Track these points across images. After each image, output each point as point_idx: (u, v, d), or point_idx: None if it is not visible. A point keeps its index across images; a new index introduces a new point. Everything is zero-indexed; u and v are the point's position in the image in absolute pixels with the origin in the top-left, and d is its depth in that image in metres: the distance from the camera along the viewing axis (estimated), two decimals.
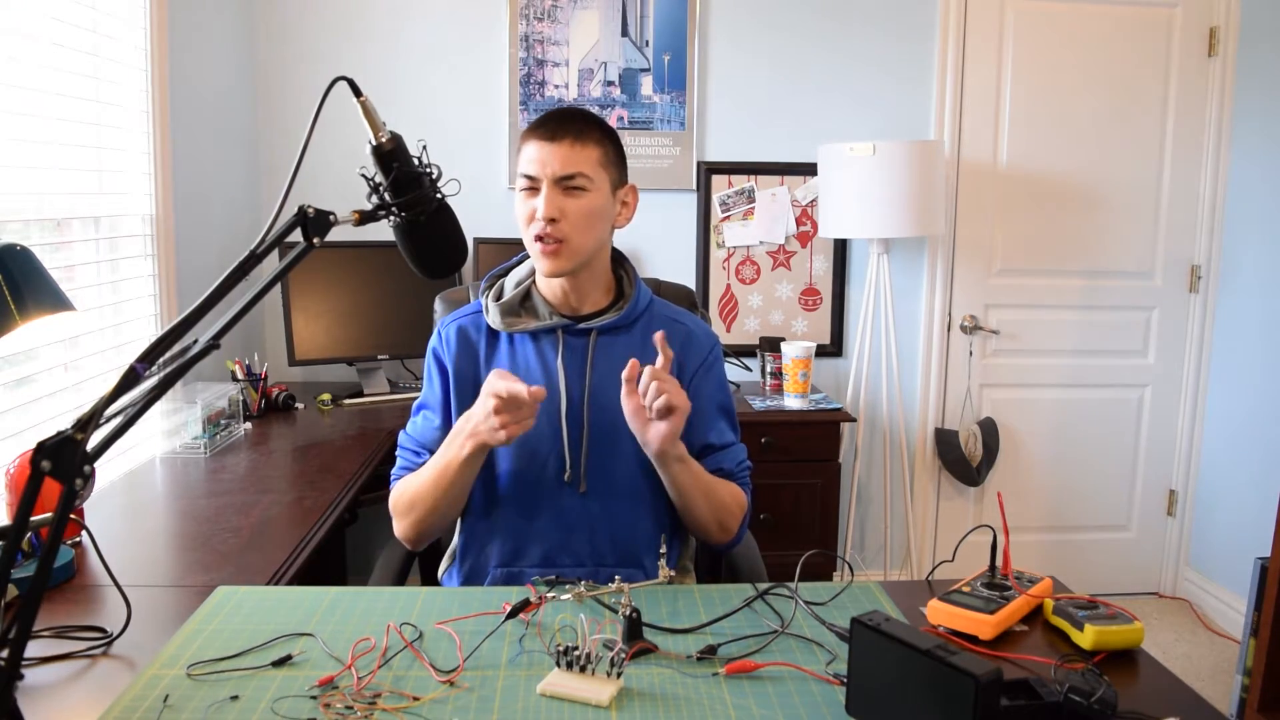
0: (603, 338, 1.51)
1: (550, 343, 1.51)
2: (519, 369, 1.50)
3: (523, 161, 1.45)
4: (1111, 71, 3.23)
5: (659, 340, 1.36)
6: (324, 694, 1.03)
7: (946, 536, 3.43)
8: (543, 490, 1.49)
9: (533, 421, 1.33)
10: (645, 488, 1.51)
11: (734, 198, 3.21)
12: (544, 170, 1.42)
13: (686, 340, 1.55)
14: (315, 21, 3.06)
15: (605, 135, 1.48)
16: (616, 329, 1.52)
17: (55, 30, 2.01)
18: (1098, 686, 0.97)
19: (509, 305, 1.51)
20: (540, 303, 1.52)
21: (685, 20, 3.12)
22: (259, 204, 3.08)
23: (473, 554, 1.54)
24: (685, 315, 1.61)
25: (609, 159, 1.48)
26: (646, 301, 1.56)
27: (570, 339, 1.51)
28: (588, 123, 1.47)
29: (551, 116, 1.46)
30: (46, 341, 1.91)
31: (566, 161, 1.42)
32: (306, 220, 1.07)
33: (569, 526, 1.49)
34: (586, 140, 1.44)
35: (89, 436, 0.89)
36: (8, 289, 1.42)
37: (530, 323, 1.51)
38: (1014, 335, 3.35)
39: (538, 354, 1.51)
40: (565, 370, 1.49)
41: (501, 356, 1.52)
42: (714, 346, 1.59)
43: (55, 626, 1.24)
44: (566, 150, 1.42)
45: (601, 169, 1.46)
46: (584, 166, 1.43)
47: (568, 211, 1.42)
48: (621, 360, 1.45)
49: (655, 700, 1.04)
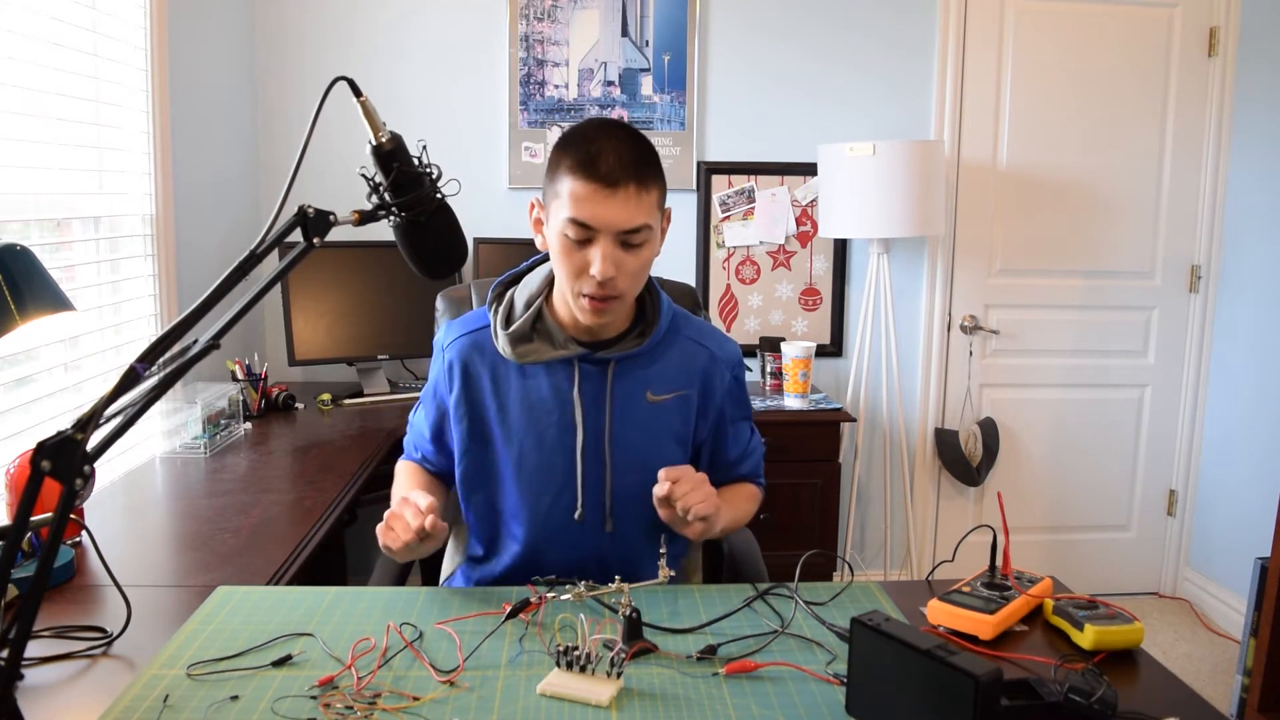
0: (621, 365, 1.41)
1: (565, 371, 1.40)
2: (530, 399, 1.41)
3: (571, 203, 1.26)
4: (1111, 71, 3.23)
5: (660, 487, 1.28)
6: (324, 694, 1.03)
7: (946, 536, 3.43)
8: (553, 525, 1.43)
9: (429, 543, 1.24)
10: (659, 521, 1.38)
11: (734, 198, 3.21)
12: (604, 224, 1.26)
13: (709, 367, 1.48)
14: (315, 21, 3.06)
15: (658, 168, 1.31)
16: (636, 356, 1.42)
17: (55, 30, 2.01)
18: (1098, 686, 0.97)
19: (520, 332, 1.38)
20: (555, 328, 1.40)
21: (685, 20, 3.12)
22: (259, 204, 3.08)
23: (476, 573, 1.53)
24: (707, 334, 1.51)
25: (663, 194, 1.33)
26: (668, 323, 1.44)
27: (587, 367, 1.40)
28: (643, 159, 1.28)
29: (602, 152, 1.26)
30: (46, 341, 1.91)
31: (630, 215, 1.26)
32: (306, 220, 1.07)
33: (580, 560, 1.43)
34: (647, 183, 1.28)
35: (89, 436, 0.89)
36: (8, 289, 1.42)
37: (544, 352, 1.38)
38: (1014, 335, 3.35)
39: (551, 383, 1.40)
40: (582, 401, 1.39)
41: (512, 385, 1.41)
42: (736, 366, 1.53)
43: (55, 626, 1.24)
44: (630, 200, 1.26)
45: (658, 210, 1.33)
46: (648, 217, 1.29)
47: (625, 266, 1.29)
48: (640, 388, 1.41)
49: (655, 700, 1.04)
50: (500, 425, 1.43)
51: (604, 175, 1.25)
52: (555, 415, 1.40)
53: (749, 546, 1.71)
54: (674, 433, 1.46)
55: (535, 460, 1.42)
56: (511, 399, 1.41)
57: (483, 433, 1.44)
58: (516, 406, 1.41)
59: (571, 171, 1.27)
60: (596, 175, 1.25)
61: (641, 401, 1.42)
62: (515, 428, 1.42)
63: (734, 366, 1.53)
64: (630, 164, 1.26)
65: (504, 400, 1.42)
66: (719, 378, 1.49)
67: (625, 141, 1.28)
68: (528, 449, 1.42)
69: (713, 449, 1.54)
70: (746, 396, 1.58)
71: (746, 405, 1.58)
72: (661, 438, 1.44)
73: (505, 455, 1.44)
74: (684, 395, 1.45)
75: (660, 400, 1.43)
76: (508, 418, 1.42)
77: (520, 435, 1.42)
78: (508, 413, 1.42)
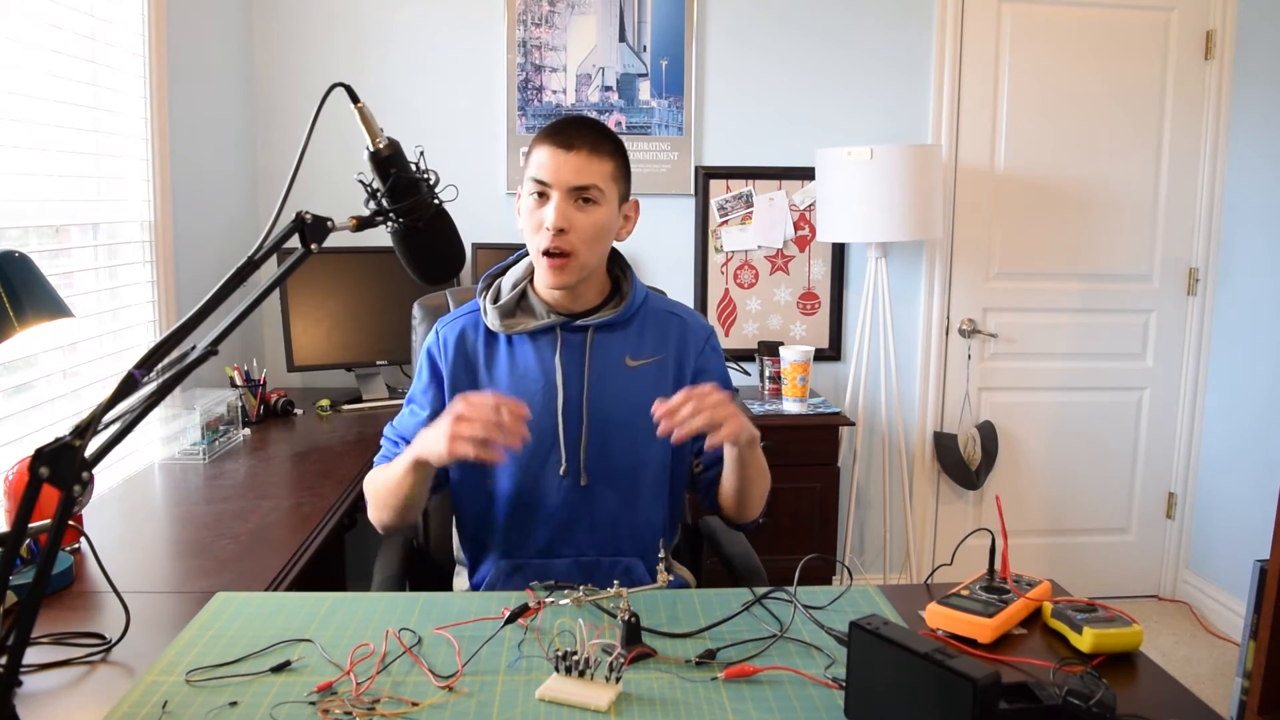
0: (599, 334, 1.53)
1: (548, 341, 1.52)
2: (518, 368, 1.52)
3: (533, 165, 1.44)
4: (1108, 75, 3.23)
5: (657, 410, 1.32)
6: (322, 700, 1.03)
7: (945, 540, 3.43)
8: (543, 484, 1.52)
9: (499, 455, 1.28)
10: (643, 480, 1.55)
11: (732, 202, 3.21)
12: (557, 178, 1.42)
13: (683, 333, 1.59)
14: (313, 28, 3.06)
15: (618, 149, 1.48)
16: (613, 326, 1.54)
17: (54, 37, 2.01)
18: (1096, 689, 0.97)
19: (506, 307, 1.52)
20: (537, 303, 1.53)
21: (683, 25, 3.13)
22: (257, 210, 3.09)
23: (476, 544, 1.58)
24: (679, 307, 1.64)
25: (620, 173, 1.48)
26: (642, 298, 1.58)
27: (568, 336, 1.52)
28: (603, 134, 1.47)
29: (567, 124, 1.46)
30: (45, 348, 1.92)
31: (580, 172, 1.42)
32: (304, 226, 1.07)
33: (569, 519, 1.52)
34: (601, 152, 1.44)
35: (87, 443, 0.89)
36: (6, 295, 1.42)
37: (528, 323, 1.52)
38: (1012, 339, 3.35)
39: (535, 353, 1.52)
40: (563, 367, 1.51)
41: (500, 357, 1.53)
42: (710, 335, 1.62)
43: (54, 633, 1.24)
44: (582, 161, 1.42)
45: (613, 182, 1.46)
46: (597, 178, 1.43)
47: (577, 224, 1.42)
48: (618, 355, 1.52)
49: (654, 705, 1.04)
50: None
51: (561, 138, 1.43)
52: (540, 382, 1.51)
53: (747, 550, 1.72)
54: (653, 395, 1.49)
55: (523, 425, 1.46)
56: (500, 369, 1.53)
57: None
58: (505, 375, 1.53)
59: (538, 142, 1.45)
60: (555, 139, 1.43)
61: (621, 367, 1.53)
62: (505, 395, 1.45)
63: (707, 335, 1.62)
64: (586, 134, 1.44)
65: (494, 371, 1.53)
66: (692, 343, 1.59)
67: (591, 124, 1.47)
68: None
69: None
70: (725, 367, 1.63)
71: (727, 379, 1.61)
72: (641, 400, 1.49)
73: None
74: (660, 360, 1.56)
75: (638, 365, 1.55)
76: (498, 386, 1.52)
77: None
78: (498, 382, 1.53)
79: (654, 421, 1.32)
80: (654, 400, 1.47)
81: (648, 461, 1.54)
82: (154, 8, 2.33)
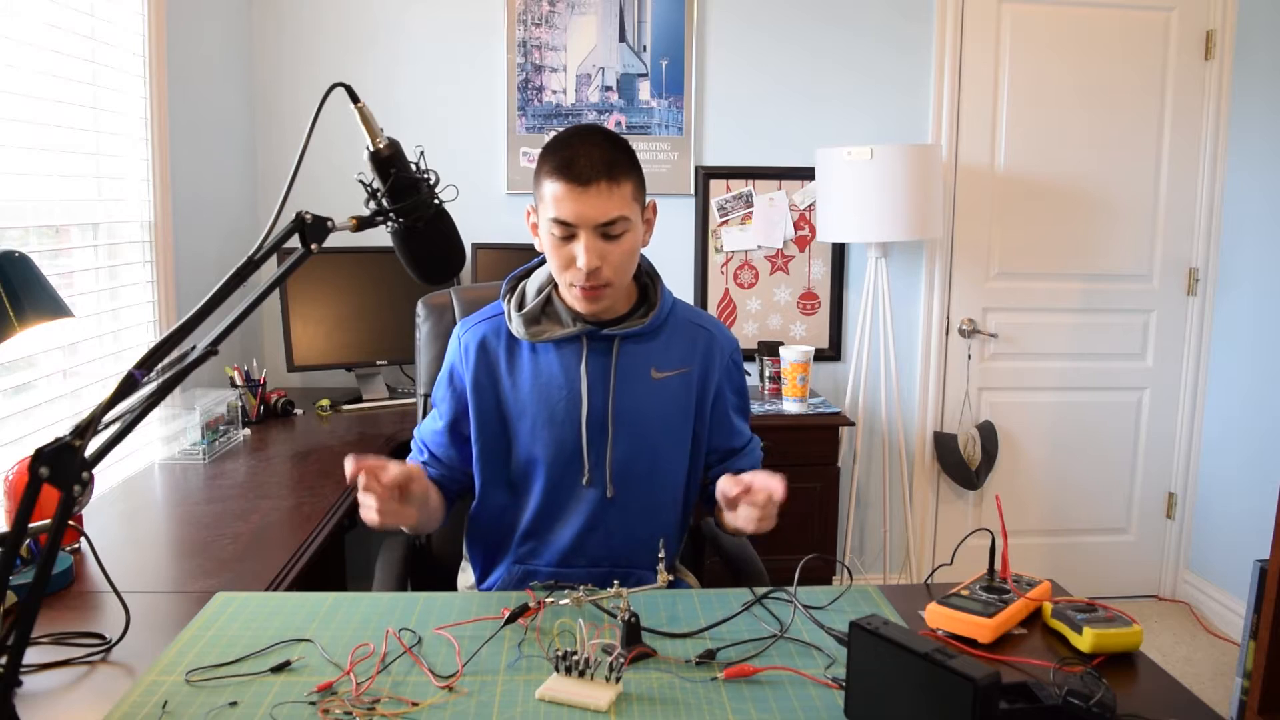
0: (626, 344, 1.50)
1: (574, 350, 1.49)
2: (541, 376, 1.49)
3: (549, 203, 1.37)
4: (1108, 75, 3.23)
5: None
6: (322, 700, 1.03)
7: (945, 540, 3.43)
8: (564, 494, 1.51)
9: (406, 516, 1.34)
10: (663, 493, 1.55)
11: (732, 202, 3.21)
12: (581, 219, 1.36)
13: (709, 346, 1.57)
14: (313, 28, 3.06)
15: (630, 161, 1.40)
16: (640, 336, 1.51)
17: (54, 37, 2.01)
18: (1096, 689, 0.97)
19: (531, 314, 1.49)
20: (563, 310, 1.49)
21: (683, 25, 3.13)
22: (257, 210, 3.08)
23: (489, 548, 1.58)
24: (706, 319, 1.62)
25: (638, 187, 1.42)
26: (669, 307, 1.55)
27: (593, 344, 1.49)
28: (612, 150, 1.38)
29: (575, 152, 1.36)
30: (45, 348, 1.92)
31: (604, 208, 1.36)
32: (304, 226, 1.07)
33: (588, 528, 1.51)
34: (617, 175, 1.37)
35: (87, 443, 0.89)
36: (6, 295, 1.42)
37: (554, 330, 1.48)
38: (1012, 339, 3.35)
39: (560, 361, 1.49)
40: (588, 376, 1.48)
41: (524, 364, 1.51)
42: (734, 350, 1.62)
43: (54, 633, 1.24)
44: (603, 195, 1.35)
45: (635, 202, 1.41)
46: (622, 209, 1.37)
47: (610, 257, 1.39)
48: (644, 366, 1.51)
49: (654, 705, 1.04)
50: (514, 401, 1.51)
51: (577, 175, 1.35)
52: (565, 390, 1.48)
53: (747, 551, 1.72)
54: (678, 408, 1.54)
55: (547, 433, 1.49)
56: (524, 376, 1.50)
57: (499, 408, 1.52)
58: (529, 383, 1.50)
59: (550, 175, 1.38)
60: (570, 176, 1.35)
61: (646, 378, 1.51)
62: (528, 403, 1.50)
63: (732, 350, 1.61)
64: (601, 163, 1.36)
65: (517, 378, 1.50)
66: (718, 356, 1.57)
67: (598, 144, 1.38)
68: (540, 423, 1.49)
69: (711, 437, 1.58)
70: (744, 383, 1.64)
71: (745, 395, 1.63)
72: (666, 412, 1.52)
73: (520, 429, 1.50)
74: (685, 373, 1.54)
75: (664, 377, 1.52)
76: (521, 394, 1.50)
77: (533, 410, 1.50)
78: (521, 389, 1.50)
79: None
80: (677, 413, 1.52)
81: (668, 474, 1.54)
82: (154, 8, 2.33)
